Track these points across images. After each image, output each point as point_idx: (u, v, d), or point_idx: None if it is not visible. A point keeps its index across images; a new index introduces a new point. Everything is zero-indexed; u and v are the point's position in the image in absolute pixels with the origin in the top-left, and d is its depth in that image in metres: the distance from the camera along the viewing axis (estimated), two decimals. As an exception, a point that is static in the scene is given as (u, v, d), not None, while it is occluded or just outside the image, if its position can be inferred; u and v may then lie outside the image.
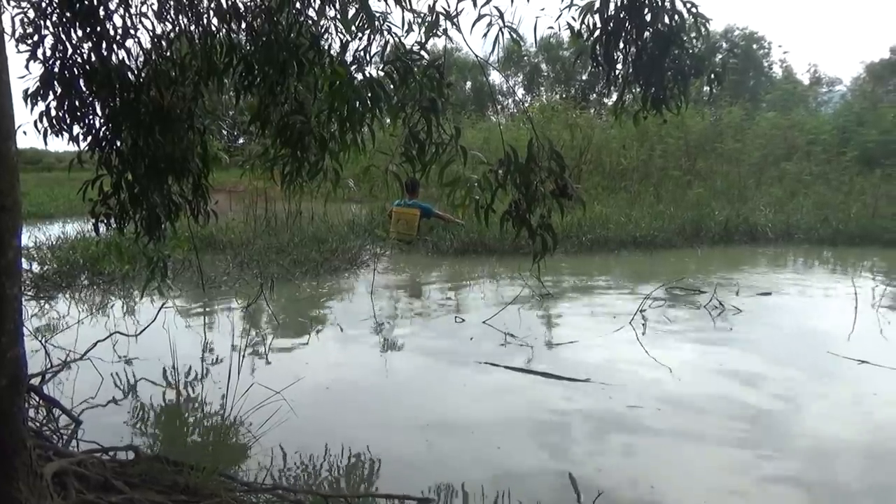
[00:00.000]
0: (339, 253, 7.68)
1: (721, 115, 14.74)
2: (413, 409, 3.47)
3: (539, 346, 4.49)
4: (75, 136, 3.18)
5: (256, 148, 3.55)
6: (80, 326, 4.76)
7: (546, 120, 15.03)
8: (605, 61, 2.72)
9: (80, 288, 6.27)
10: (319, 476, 2.78)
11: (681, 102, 2.80)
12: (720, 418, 3.33)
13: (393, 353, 4.52)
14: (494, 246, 8.22)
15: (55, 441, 2.83)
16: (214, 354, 4.39)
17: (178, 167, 3.26)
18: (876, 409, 3.49)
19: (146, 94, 3.08)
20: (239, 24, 3.05)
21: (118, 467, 2.48)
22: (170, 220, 3.46)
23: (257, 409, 3.17)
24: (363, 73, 2.86)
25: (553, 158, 2.50)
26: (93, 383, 3.63)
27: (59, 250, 7.41)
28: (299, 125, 2.98)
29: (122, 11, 3.04)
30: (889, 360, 4.00)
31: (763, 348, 4.49)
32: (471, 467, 2.83)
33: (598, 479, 2.68)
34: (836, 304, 5.83)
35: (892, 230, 9.33)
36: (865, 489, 2.70)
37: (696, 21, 2.59)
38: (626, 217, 9.77)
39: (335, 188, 3.19)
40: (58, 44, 2.98)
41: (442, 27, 2.73)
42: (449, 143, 2.65)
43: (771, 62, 29.38)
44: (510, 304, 5.49)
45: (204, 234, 7.70)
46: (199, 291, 5.95)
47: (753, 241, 9.43)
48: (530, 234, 2.58)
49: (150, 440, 3.17)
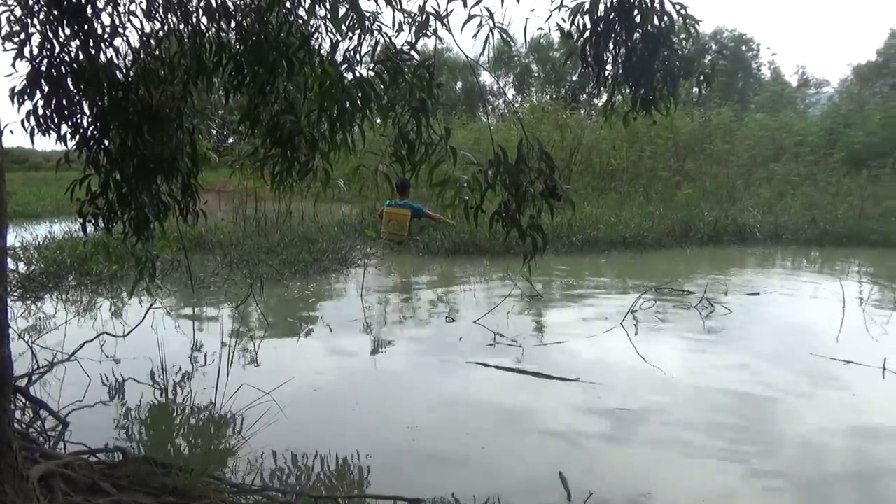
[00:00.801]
0: (328, 253, 7.66)
1: (710, 117, 14.83)
2: (403, 409, 3.46)
3: (529, 346, 4.49)
4: (63, 135, 3.15)
5: (246, 148, 3.53)
6: (68, 327, 4.72)
7: (536, 120, 15.08)
8: (595, 62, 2.73)
9: (68, 288, 6.21)
10: (309, 477, 2.77)
11: (670, 103, 2.81)
12: (710, 418, 3.35)
13: (383, 353, 4.51)
14: (485, 246, 8.22)
15: (42, 443, 2.80)
16: (203, 355, 4.36)
17: (166, 167, 3.23)
18: (863, 409, 3.53)
19: (135, 94, 3.06)
20: (228, 23, 3.03)
21: (106, 469, 2.46)
22: (158, 220, 3.44)
23: (246, 410, 3.16)
24: (353, 73, 2.86)
25: (543, 159, 2.51)
26: (80, 384, 3.60)
27: (47, 250, 7.35)
28: (289, 125, 2.98)
29: (110, 10, 3.02)
30: (875, 359, 4.04)
31: (752, 348, 4.52)
32: (461, 467, 2.83)
33: (589, 479, 2.69)
34: (824, 304, 5.88)
35: (878, 231, 9.42)
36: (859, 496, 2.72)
37: (686, 23, 2.61)
38: (615, 217, 9.81)
39: (325, 188, 3.18)
40: (45, 42, 2.95)
41: (432, 27, 2.73)
42: (439, 143, 2.65)
43: (759, 64, 29.60)
44: (500, 304, 5.49)
45: (193, 234, 7.66)
46: (187, 292, 5.92)
47: (742, 241, 9.49)
48: (520, 234, 2.59)
49: (139, 442, 3.14)
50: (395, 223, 9.01)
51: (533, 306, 5.65)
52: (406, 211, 9.01)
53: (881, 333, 4.90)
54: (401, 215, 9.01)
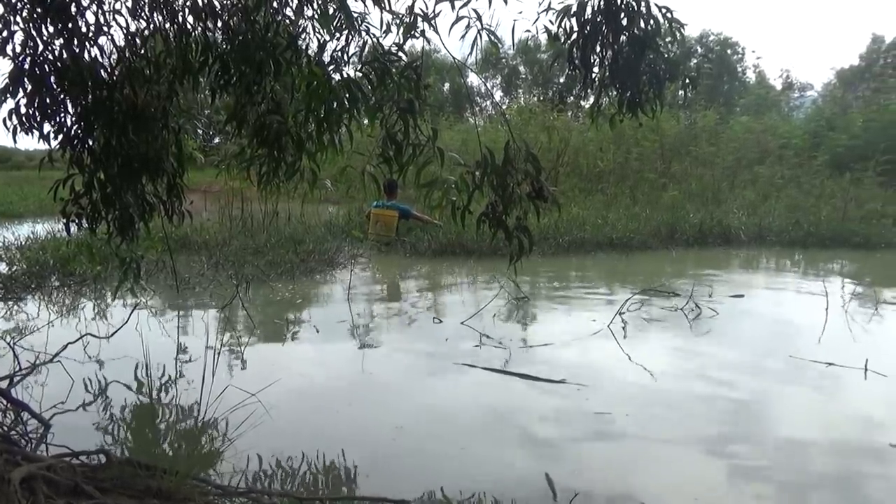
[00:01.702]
0: (315, 254, 7.63)
1: (696, 119, 14.94)
2: (389, 411, 3.46)
3: (516, 348, 4.50)
4: (46, 134, 3.11)
5: (233, 148, 3.51)
6: (51, 328, 4.67)
7: (524, 122, 15.11)
8: (582, 64, 2.74)
9: (51, 289, 6.14)
10: (295, 478, 2.76)
11: (656, 106, 2.83)
12: (695, 419, 3.38)
13: (369, 354, 4.50)
14: (473, 247, 8.23)
15: (24, 445, 2.77)
16: (188, 356, 4.33)
17: (152, 167, 3.20)
18: (845, 409, 3.58)
19: (119, 93, 3.03)
20: (215, 23, 3.02)
21: (89, 472, 2.44)
22: (143, 221, 3.41)
23: (232, 412, 3.14)
24: (341, 74, 2.85)
25: (529, 160, 2.52)
26: (63, 386, 3.56)
27: (29, 251, 7.27)
28: (276, 125, 2.96)
29: (94, 8, 2.99)
30: (857, 360, 4.08)
31: (736, 350, 4.55)
32: (447, 468, 2.83)
33: (575, 480, 2.70)
34: (808, 305, 5.94)
35: (860, 233, 9.54)
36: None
37: (671, 26, 2.63)
38: (602, 219, 9.85)
39: (312, 189, 3.17)
40: (28, 40, 2.91)
41: (420, 28, 2.73)
42: (426, 144, 2.66)
43: (745, 67, 29.89)
44: (487, 305, 5.50)
45: (178, 234, 7.60)
46: (172, 293, 5.87)
47: (727, 243, 9.57)
48: (507, 235, 2.60)
49: (122, 444, 3.11)
50: (383, 224, 8.99)
51: (520, 308, 5.66)
52: (394, 212, 9.00)
53: (862, 334, 4.95)
54: (388, 216, 9.00)
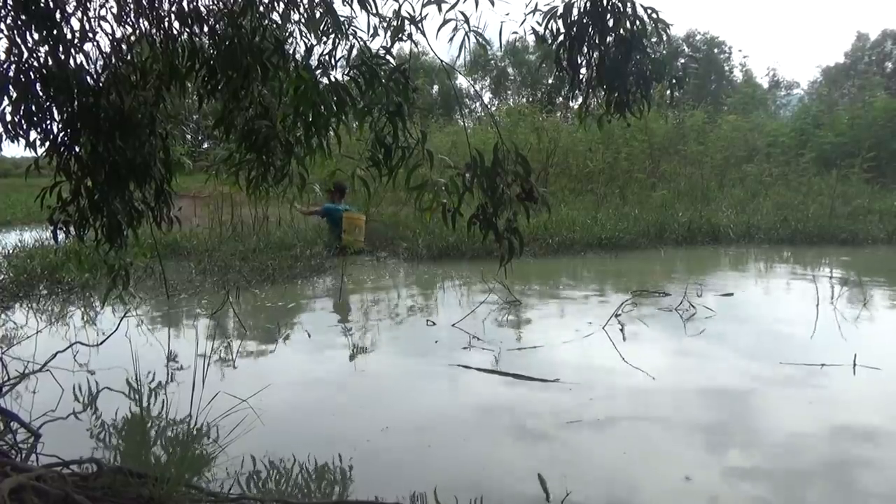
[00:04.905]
0: (304, 259, 7.60)
1: (684, 119, 15.02)
2: (382, 414, 3.45)
3: (508, 349, 4.50)
4: (32, 141, 3.09)
5: (221, 153, 3.50)
6: (39, 337, 4.62)
7: (513, 123, 15.15)
8: (570, 66, 2.76)
9: (39, 297, 6.09)
10: (287, 484, 2.75)
11: (644, 106, 2.85)
12: (688, 418, 3.39)
13: (362, 357, 4.49)
14: (465, 249, 8.23)
15: (13, 456, 2.74)
16: (179, 363, 4.30)
17: (139, 173, 3.19)
18: (836, 405, 3.60)
19: (106, 99, 3.01)
20: (201, 28, 3.01)
21: (80, 481, 2.42)
22: (131, 227, 3.39)
23: (223, 418, 3.12)
24: (328, 78, 2.85)
25: (518, 162, 2.52)
26: (53, 395, 3.53)
27: (17, 259, 7.21)
28: (264, 130, 2.96)
29: (80, 14, 2.98)
30: (846, 355, 4.10)
31: (728, 349, 4.59)
32: (441, 470, 2.82)
33: (567, 480, 2.70)
34: (797, 302, 5.99)
35: (847, 230, 9.61)
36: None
37: (657, 26, 2.65)
38: (592, 219, 9.88)
39: (301, 193, 3.17)
40: (13, 47, 2.90)
41: (407, 31, 2.74)
42: (416, 147, 2.66)
43: (732, 66, 30.15)
44: (478, 307, 5.50)
45: (167, 240, 7.56)
46: (162, 299, 5.84)
47: (716, 241, 9.62)
48: (497, 237, 2.60)
49: (113, 452, 3.09)
50: (359, 229, 8.67)
51: (511, 309, 5.66)
52: (362, 215, 8.84)
53: (852, 330, 4.99)
54: (361, 220, 8.74)
